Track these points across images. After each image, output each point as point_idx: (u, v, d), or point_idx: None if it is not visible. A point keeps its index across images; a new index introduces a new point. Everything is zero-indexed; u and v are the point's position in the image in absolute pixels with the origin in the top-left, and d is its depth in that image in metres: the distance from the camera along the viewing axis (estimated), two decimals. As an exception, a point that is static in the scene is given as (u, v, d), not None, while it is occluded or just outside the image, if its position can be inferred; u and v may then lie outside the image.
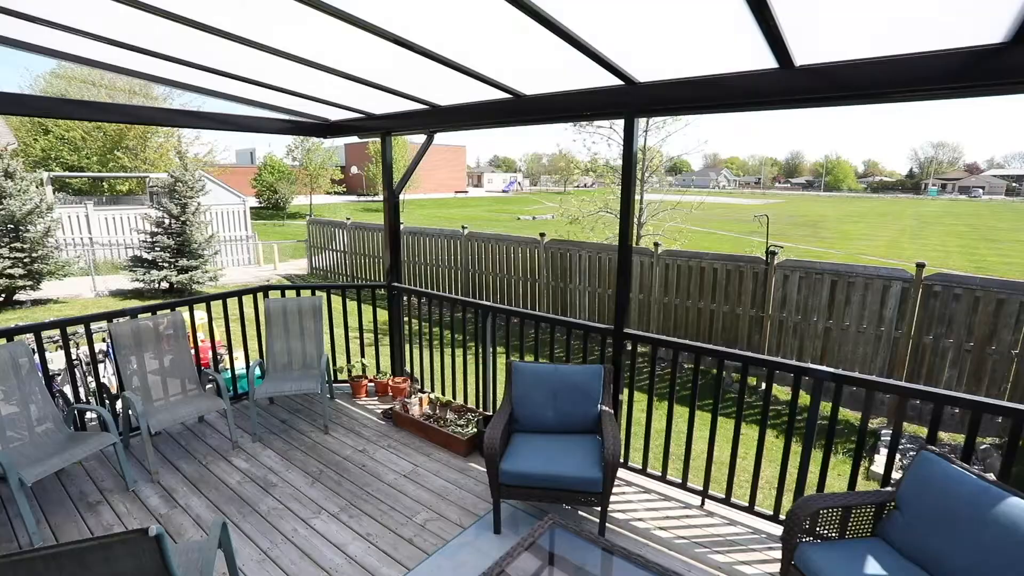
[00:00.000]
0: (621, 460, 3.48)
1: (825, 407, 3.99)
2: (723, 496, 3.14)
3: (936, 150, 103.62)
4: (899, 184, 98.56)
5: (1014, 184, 78.62)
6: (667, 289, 7.98)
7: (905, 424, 6.22)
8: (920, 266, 6.18)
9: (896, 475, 4.86)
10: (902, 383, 2.47)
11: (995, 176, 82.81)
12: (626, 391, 3.48)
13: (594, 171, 10.64)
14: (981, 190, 75.53)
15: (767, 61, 2.47)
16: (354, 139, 5.32)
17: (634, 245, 9.53)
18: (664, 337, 3.25)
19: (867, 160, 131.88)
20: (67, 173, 20.94)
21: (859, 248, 22.31)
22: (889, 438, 6.01)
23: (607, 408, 3.15)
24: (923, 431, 6.06)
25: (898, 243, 24.47)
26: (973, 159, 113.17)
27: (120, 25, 2.60)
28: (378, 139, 4.38)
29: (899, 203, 58.70)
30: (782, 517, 2.93)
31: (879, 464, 5.26)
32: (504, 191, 65.97)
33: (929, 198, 71.29)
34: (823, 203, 56.55)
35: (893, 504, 2.27)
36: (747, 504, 3.06)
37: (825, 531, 2.40)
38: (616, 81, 2.93)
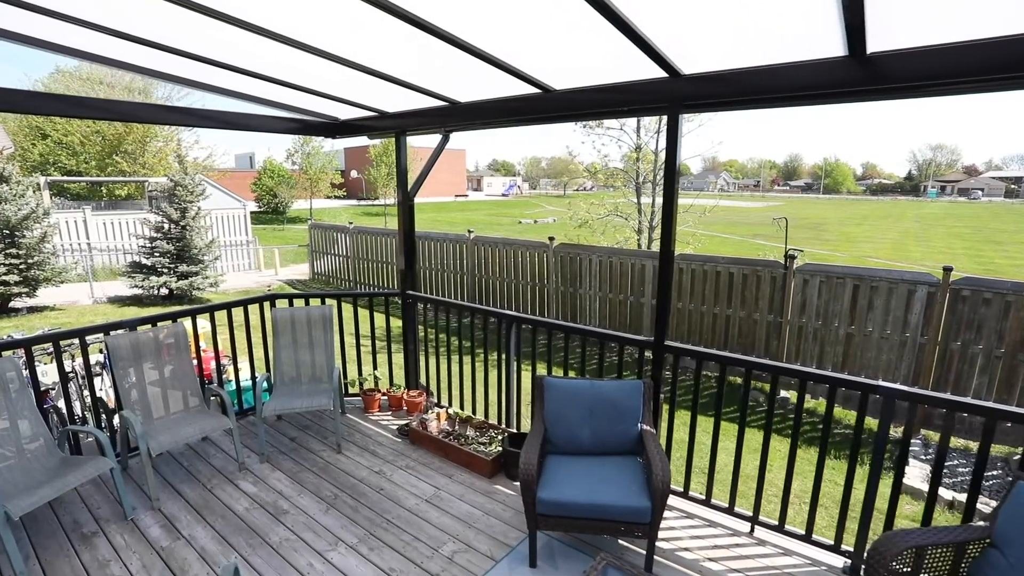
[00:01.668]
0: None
1: (846, 414, 3.75)
2: (775, 523, 2.89)
3: (934, 152, 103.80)
4: (898, 186, 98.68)
5: (1013, 186, 78.73)
6: (680, 294, 7.76)
7: (929, 432, 5.99)
8: (947, 270, 5.98)
9: (920, 488, 4.67)
10: (990, 404, 2.22)
11: (994, 178, 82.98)
12: (666, 408, 3.23)
13: (603, 173, 10.40)
14: (980, 192, 75.61)
15: (832, 49, 2.24)
16: (361, 141, 5.09)
17: (647, 249, 9.30)
18: (712, 351, 3.00)
19: (865, 162, 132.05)
20: (65, 177, 20.67)
21: (864, 251, 22.14)
22: (918, 448, 5.79)
23: (648, 427, 2.91)
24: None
25: (903, 245, 24.31)
26: (971, 161, 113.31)
27: (114, 10, 2.36)
28: (380, 142, 4.13)
29: (899, 205, 58.68)
30: (844, 547, 2.68)
31: (910, 477, 5.02)
32: (504, 195, 65.85)
33: (929, 200, 71.33)
34: (823, 205, 56.50)
35: (988, 541, 2.03)
36: (804, 532, 2.80)
37: (900, 567, 2.15)
38: (659, 73, 2.69)
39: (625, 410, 2.95)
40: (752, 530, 2.94)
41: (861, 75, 2.24)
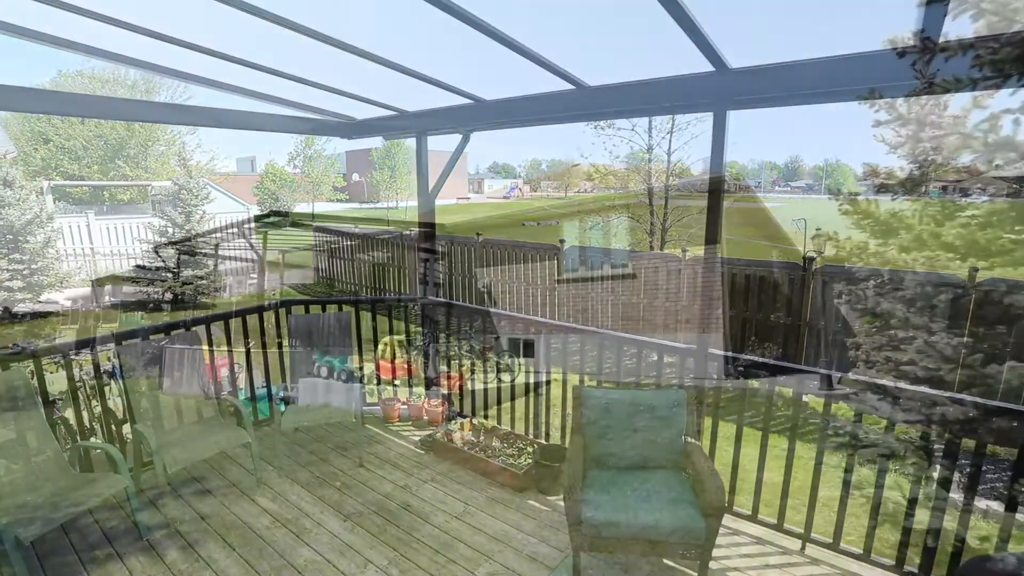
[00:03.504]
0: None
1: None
2: (829, 540, 2.73)
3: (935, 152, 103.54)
4: (899, 186, 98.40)
5: (1015, 186, 78.59)
6: (695, 297, 7.62)
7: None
8: (974, 271, 5.84)
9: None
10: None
11: (995, 177, 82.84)
12: (708, 420, 3.07)
13: (614, 175, 10.28)
14: (982, 191, 75.46)
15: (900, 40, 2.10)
16: (363, 143, 4.95)
17: (660, 251, 9.15)
18: (763, 359, 2.84)
19: (865, 163, 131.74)
20: (68, 182, 20.54)
21: (873, 250, 21.92)
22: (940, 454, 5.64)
23: (693, 440, 2.75)
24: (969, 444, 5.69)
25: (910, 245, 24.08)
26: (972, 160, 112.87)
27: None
28: (383, 144, 3.98)
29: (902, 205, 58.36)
30: (908, 569, 2.52)
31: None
32: (505, 197, 65.71)
33: (931, 199, 71.03)
34: (825, 206, 56.22)
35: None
36: (861, 551, 2.64)
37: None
38: (705, 67, 2.54)
39: (669, 421, 2.79)
40: (803, 548, 2.78)
41: (930, 65, 2.09)
